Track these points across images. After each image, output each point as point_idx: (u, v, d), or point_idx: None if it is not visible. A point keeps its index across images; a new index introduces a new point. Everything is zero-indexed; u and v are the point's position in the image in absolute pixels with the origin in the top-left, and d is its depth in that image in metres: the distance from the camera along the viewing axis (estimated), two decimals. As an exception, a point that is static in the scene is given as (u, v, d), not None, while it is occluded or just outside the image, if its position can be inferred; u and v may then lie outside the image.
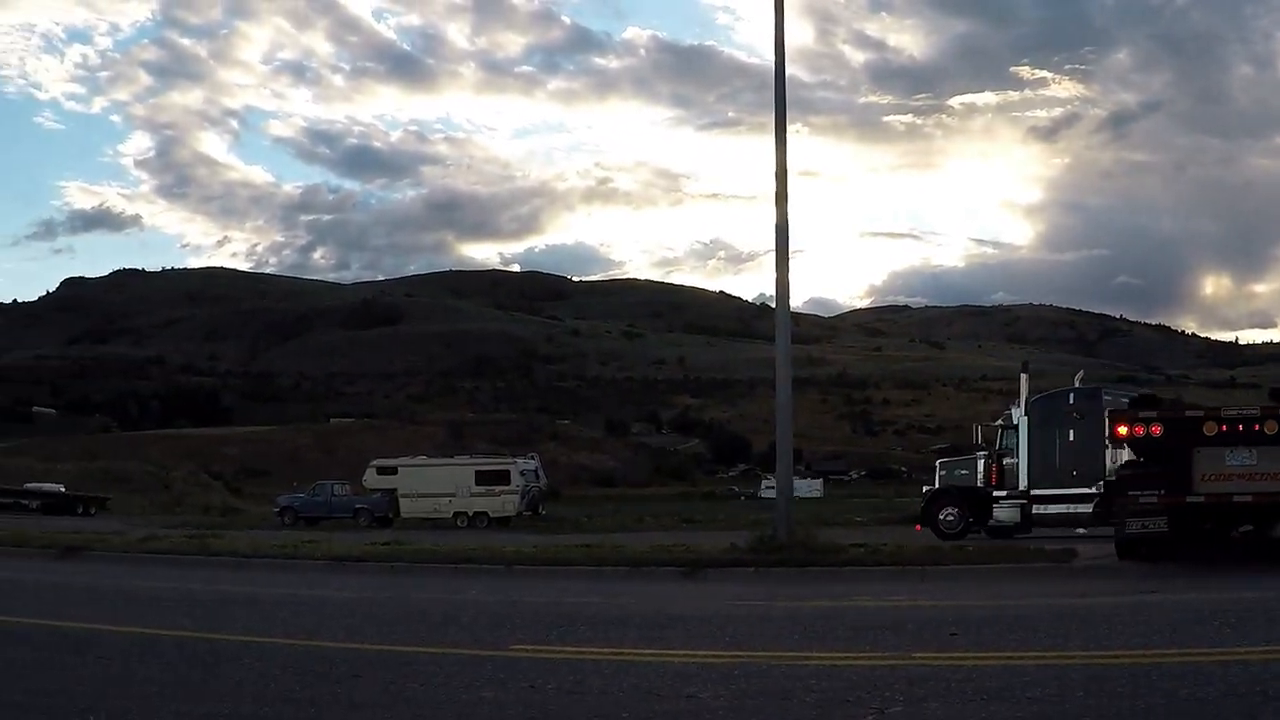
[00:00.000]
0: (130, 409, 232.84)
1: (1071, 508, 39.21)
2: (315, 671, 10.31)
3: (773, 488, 43.37)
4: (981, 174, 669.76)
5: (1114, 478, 26.36)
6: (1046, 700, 8.24)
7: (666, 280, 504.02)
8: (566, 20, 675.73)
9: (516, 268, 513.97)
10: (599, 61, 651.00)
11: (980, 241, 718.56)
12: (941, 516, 40.59)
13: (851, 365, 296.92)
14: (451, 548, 28.75)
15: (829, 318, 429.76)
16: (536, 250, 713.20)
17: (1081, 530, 37.62)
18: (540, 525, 58.32)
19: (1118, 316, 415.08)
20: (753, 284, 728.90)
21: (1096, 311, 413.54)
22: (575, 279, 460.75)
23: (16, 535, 34.98)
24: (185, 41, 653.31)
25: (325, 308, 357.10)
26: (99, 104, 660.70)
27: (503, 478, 64.45)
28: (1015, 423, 41.32)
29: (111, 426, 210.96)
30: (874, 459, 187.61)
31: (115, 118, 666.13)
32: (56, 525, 49.03)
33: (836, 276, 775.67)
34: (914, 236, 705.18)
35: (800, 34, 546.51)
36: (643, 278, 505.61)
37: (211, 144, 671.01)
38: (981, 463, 41.72)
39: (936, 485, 42.66)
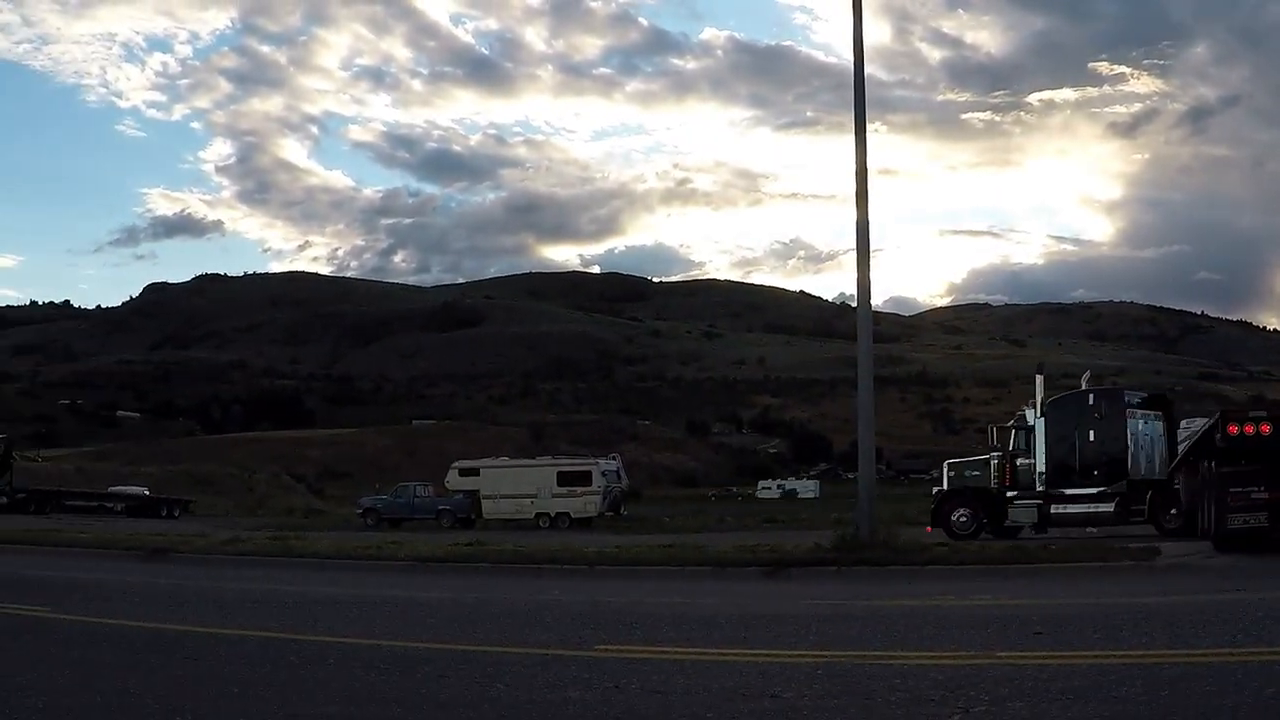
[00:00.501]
0: (213, 412, 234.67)
1: (1093, 507, 39.24)
2: (401, 671, 10.35)
3: (769, 488, 43.77)
4: (1060, 171, 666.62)
5: (1214, 476, 26.19)
6: (1132, 700, 8.18)
7: (746, 280, 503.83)
8: (644, 22, 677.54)
9: (596, 269, 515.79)
10: (676, 63, 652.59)
11: (1060, 238, 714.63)
12: (954, 517, 40.47)
13: (932, 364, 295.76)
14: (534, 548, 28.78)
15: (909, 316, 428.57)
16: (616, 251, 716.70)
17: (1092, 530, 37.61)
18: (621, 526, 58.26)
19: (1198, 313, 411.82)
20: (832, 283, 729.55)
21: (1177, 308, 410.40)
22: (655, 280, 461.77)
23: (103, 538, 35.30)
24: (265, 48, 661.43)
25: (406, 311, 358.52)
26: (180, 111, 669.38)
27: (584, 479, 64.52)
28: (1030, 424, 41.20)
29: (195, 430, 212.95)
30: (955, 457, 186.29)
31: (196, 125, 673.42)
32: (141, 527, 49.48)
33: (916, 275, 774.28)
34: (993, 234, 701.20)
35: (878, 33, 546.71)
36: (722, 278, 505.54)
37: (292, 150, 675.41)
38: (994, 463, 41.42)
39: (945, 486, 42.40)
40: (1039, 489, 39.94)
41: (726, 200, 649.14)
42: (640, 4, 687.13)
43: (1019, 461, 41.07)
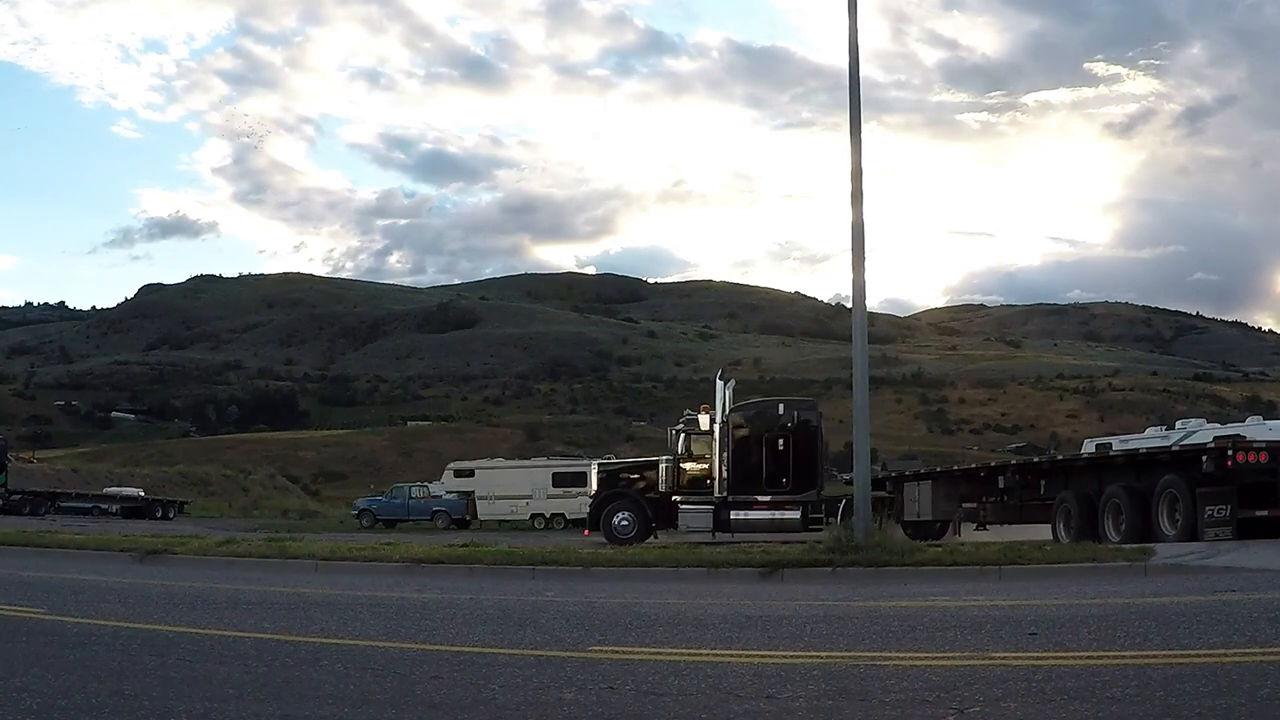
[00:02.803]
0: (208, 414, 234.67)
1: (778, 514, 39.54)
2: (395, 673, 10.37)
3: None
4: (1056, 172, 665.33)
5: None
6: (1127, 700, 8.20)
7: (742, 281, 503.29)
8: (639, 23, 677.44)
9: (592, 270, 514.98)
10: (672, 64, 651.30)
11: (1056, 239, 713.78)
12: (615, 521, 40.51)
13: (927, 365, 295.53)
14: (529, 549, 28.80)
15: (904, 317, 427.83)
16: (612, 252, 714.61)
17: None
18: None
19: (1194, 313, 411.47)
20: (828, 284, 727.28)
21: (1173, 309, 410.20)
22: (650, 281, 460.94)
23: (98, 539, 35.29)
24: (260, 49, 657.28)
25: (401, 311, 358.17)
26: (175, 112, 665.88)
27: (579, 479, 64.68)
28: (707, 429, 41.32)
29: (190, 431, 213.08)
30: (950, 458, 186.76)
31: (192, 125, 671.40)
32: (136, 529, 49.56)
33: (912, 276, 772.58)
34: (989, 235, 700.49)
35: (873, 34, 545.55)
36: (718, 279, 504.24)
37: (287, 150, 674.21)
38: (665, 467, 41.47)
39: (595, 489, 42.54)
40: (719, 495, 40.14)
41: (722, 201, 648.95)
42: (636, 5, 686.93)
43: (689, 466, 41.22)
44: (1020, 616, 13.83)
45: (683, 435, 42.19)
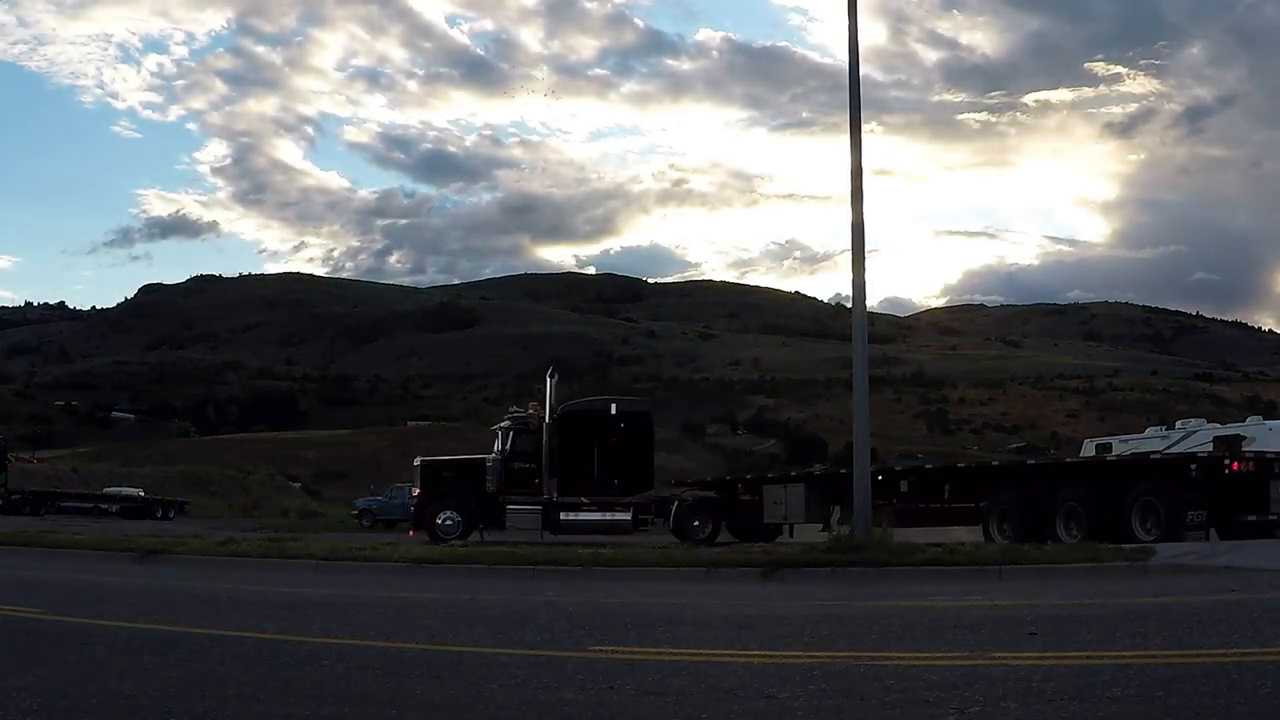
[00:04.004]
0: (208, 413, 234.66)
1: (608, 515, 39.39)
2: (395, 673, 10.36)
3: None
4: (1056, 171, 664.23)
5: None
6: (1127, 700, 8.20)
7: (742, 281, 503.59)
8: (639, 23, 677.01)
9: (592, 270, 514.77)
10: (672, 64, 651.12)
11: (1055, 239, 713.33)
12: (439, 520, 40.14)
13: (927, 364, 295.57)
14: (529, 549, 28.80)
15: (904, 317, 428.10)
16: (612, 252, 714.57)
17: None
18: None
19: (1194, 313, 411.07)
20: (828, 284, 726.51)
21: (1173, 309, 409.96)
22: (650, 281, 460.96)
23: (98, 539, 35.28)
24: (260, 49, 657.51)
25: (401, 311, 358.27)
26: (175, 112, 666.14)
27: None
28: (535, 428, 41.05)
29: (190, 431, 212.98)
30: (950, 458, 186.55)
31: (191, 126, 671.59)
32: (136, 529, 49.59)
33: (911, 276, 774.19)
34: (989, 235, 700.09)
35: (873, 34, 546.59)
36: (718, 279, 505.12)
37: (287, 151, 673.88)
38: (491, 465, 41.25)
39: (419, 487, 42.14)
40: (548, 495, 39.97)
41: (722, 201, 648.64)
42: (636, 5, 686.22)
43: (516, 465, 40.98)
44: (1020, 616, 13.83)
45: (510, 433, 41.92)
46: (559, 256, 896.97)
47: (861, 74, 28.71)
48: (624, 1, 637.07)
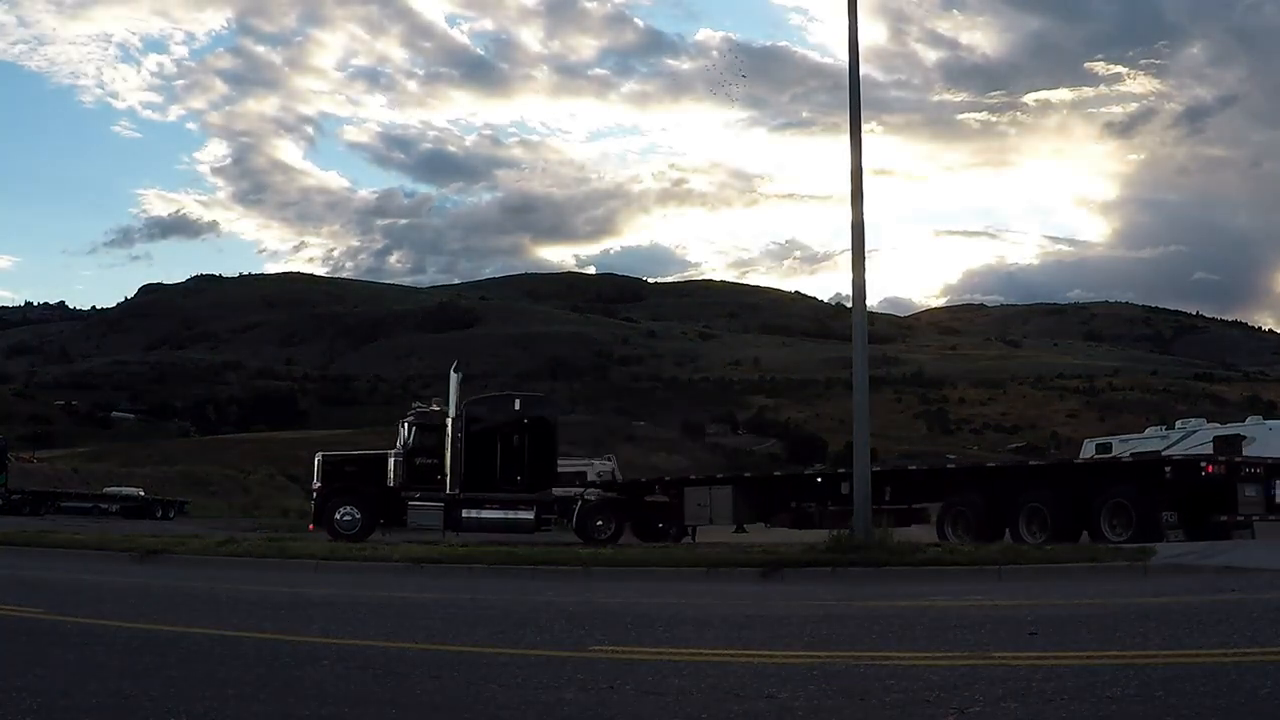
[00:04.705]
0: (208, 413, 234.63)
1: (511, 513, 39.24)
2: (395, 673, 10.37)
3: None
4: (1056, 171, 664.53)
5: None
6: (1127, 700, 8.20)
7: (742, 281, 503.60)
8: (639, 23, 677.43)
9: (592, 270, 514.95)
10: (672, 63, 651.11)
11: (1055, 239, 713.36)
12: (338, 516, 39.88)
13: (927, 364, 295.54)
14: (529, 549, 28.80)
15: (904, 317, 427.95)
16: (612, 252, 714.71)
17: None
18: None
19: (1194, 313, 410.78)
20: (828, 284, 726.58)
21: (1173, 309, 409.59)
22: (651, 281, 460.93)
23: (98, 539, 35.28)
24: (260, 49, 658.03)
25: (401, 311, 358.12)
26: (175, 112, 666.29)
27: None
28: (438, 424, 40.87)
29: (190, 431, 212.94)
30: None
31: (191, 125, 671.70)
32: (136, 529, 49.61)
33: (911, 275, 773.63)
34: (989, 235, 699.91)
35: (873, 33, 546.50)
36: (718, 279, 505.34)
37: (287, 150, 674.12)
38: (394, 461, 41.04)
39: (319, 482, 41.88)
40: (450, 492, 39.80)
41: (722, 201, 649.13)
42: (636, 5, 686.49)
43: (419, 461, 40.81)
44: (1020, 616, 13.84)
45: (413, 428, 41.78)
46: (559, 256, 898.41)
47: (862, 74, 28.76)
48: (624, 1, 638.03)
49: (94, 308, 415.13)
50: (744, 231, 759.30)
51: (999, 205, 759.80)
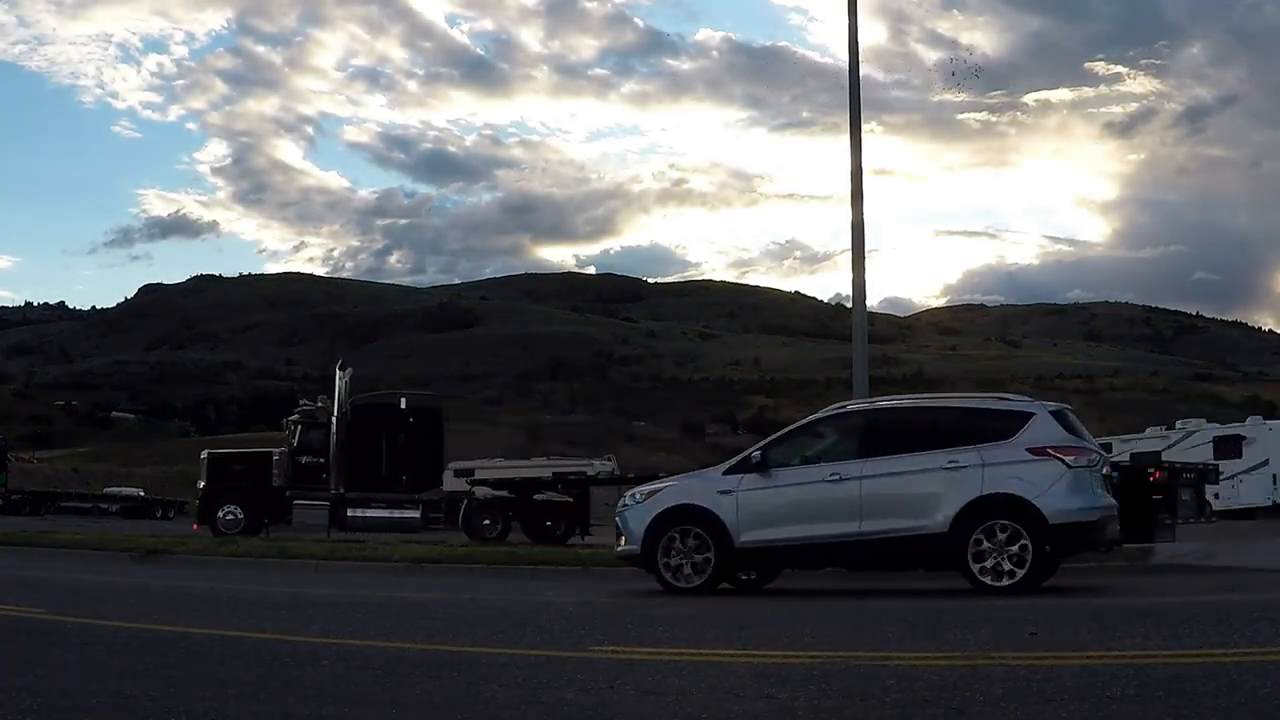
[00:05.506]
0: (208, 413, 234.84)
1: (396, 513, 39.11)
2: (395, 673, 10.36)
3: None
4: (1056, 171, 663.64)
5: None
6: (1127, 700, 8.19)
7: (742, 281, 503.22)
8: (639, 23, 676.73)
9: (592, 270, 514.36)
10: (672, 64, 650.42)
11: (1055, 239, 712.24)
12: (221, 515, 39.75)
13: (927, 364, 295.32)
14: (529, 549, 28.82)
15: (904, 317, 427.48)
16: (612, 252, 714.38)
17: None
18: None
19: (1194, 313, 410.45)
20: (828, 284, 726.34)
21: (1173, 309, 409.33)
22: (651, 281, 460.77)
23: (98, 539, 35.29)
24: (260, 49, 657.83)
25: (401, 311, 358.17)
26: (175, 112, 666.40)
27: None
28: (323, 422, 40.75)
29: (190, 431, 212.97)
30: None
31: (191, 125, 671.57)
32: (136, 529, 49.49)
33: (911, 275, 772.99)
34: (989, 235, 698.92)
35: (873, 33, 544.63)
36: (718, 279, 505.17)
37: (287, 150, 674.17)
38: (277, 460, 40.91)
39: (205, 480, 41.75)
40: (335, 490, 39.70)
41: (722, 201, 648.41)
42: (636, 5, 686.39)
43: (304, 459, 40.67)
44: (1020, 616, 13.81)
45: (298, 427, 41.67)
46: (559, 256, 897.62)
47: (861, 74, 28.85)
48: (624, 1, 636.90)
49: (94, 308, 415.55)
50: (744, 231, 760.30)
51: (999, 205, 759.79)
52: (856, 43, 28.41)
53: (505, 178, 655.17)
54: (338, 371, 42.91)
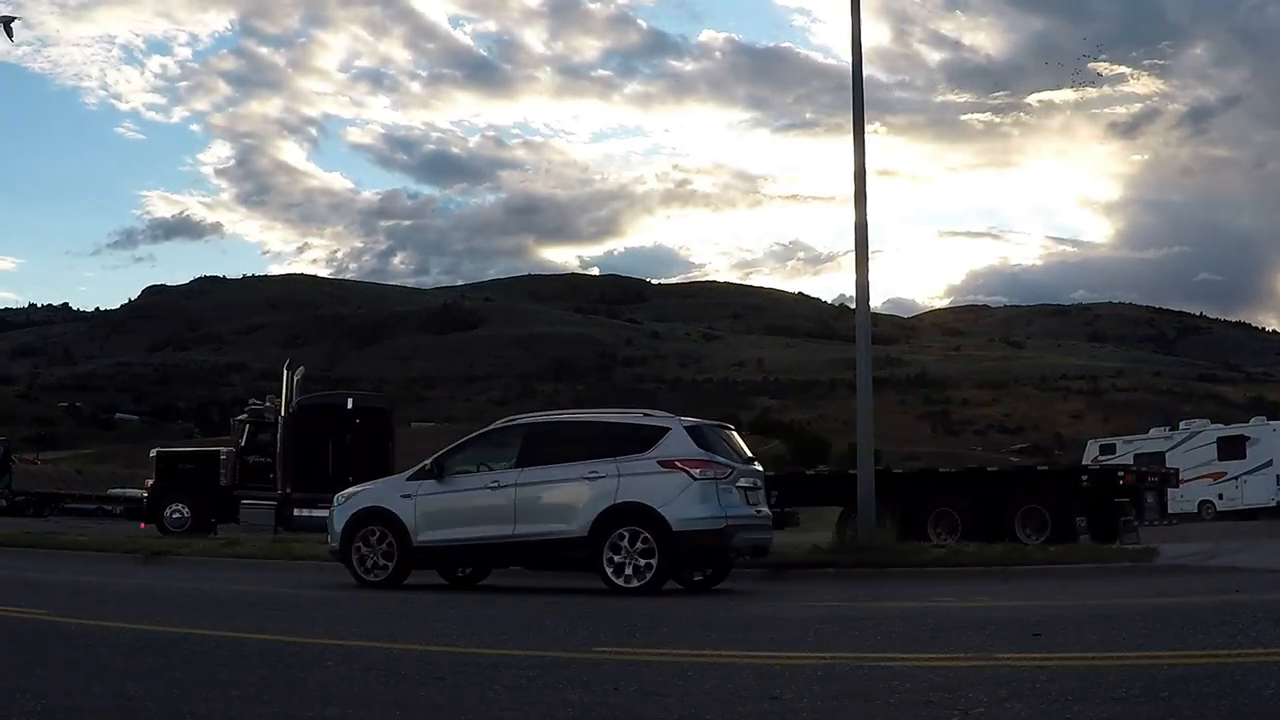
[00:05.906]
0: (212, 415, 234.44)
1: None
2: (399, 674, 10.36)
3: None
4: (1060, 172, 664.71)
5: None
6: (1131, 700, 8.19)
7: (745, 282, 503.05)
8: (642, 24, 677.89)
9: (595, 271, 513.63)
10: (675, 64, 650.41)
11: (1059, 240, 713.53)
12: (167, 514, 39.78)
13: (931, 365, 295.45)
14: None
15: (908, 318, 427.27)
16: (615, 253, 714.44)
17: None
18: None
19: (1198, 314, 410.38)
20: (832, 285, 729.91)
21: (1177, 309, 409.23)
22: (654, 282, 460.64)
23: (101, 540, 35.27)
24: (263, 51, 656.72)
25: (405, 313, 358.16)
26: (179, 114, 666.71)
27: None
28: (271, 421, 40.78)
29: (194, 432, 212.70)
30: (953, 459, 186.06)
31: (195, 127, 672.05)
32: (140, 530, 49.46)
33: (915, 276, 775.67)
34: (992, 235, 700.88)
35: (876, 34, 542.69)
36: (722, 280, 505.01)
37: (290, 152, 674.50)
38: (225, 459, 40.94)
39: (153, 479, 41.69)
40: (282, 490, 39.72)
41: (726, 202, 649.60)
42: (639, 6, 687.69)
43: (252, 459, 40.69)
44: (1024, 617, 13.83)
45: (245, 426, 41.71)
46: (563, 257, 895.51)
47: (865, 75, 28.74)
48: (627, 2, 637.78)
49: (97, 309, 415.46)
50: (747, 232, 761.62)
51: (1002, 206, 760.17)
52: (859, 43, 28.36)
53: (509, 179, 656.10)
54: (285, 370, 42.86)
